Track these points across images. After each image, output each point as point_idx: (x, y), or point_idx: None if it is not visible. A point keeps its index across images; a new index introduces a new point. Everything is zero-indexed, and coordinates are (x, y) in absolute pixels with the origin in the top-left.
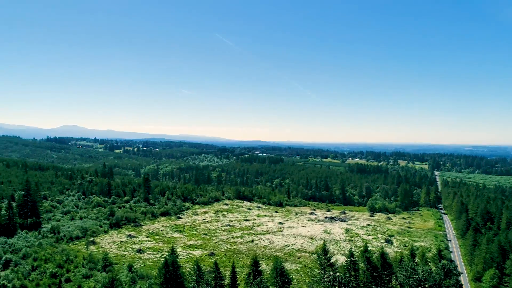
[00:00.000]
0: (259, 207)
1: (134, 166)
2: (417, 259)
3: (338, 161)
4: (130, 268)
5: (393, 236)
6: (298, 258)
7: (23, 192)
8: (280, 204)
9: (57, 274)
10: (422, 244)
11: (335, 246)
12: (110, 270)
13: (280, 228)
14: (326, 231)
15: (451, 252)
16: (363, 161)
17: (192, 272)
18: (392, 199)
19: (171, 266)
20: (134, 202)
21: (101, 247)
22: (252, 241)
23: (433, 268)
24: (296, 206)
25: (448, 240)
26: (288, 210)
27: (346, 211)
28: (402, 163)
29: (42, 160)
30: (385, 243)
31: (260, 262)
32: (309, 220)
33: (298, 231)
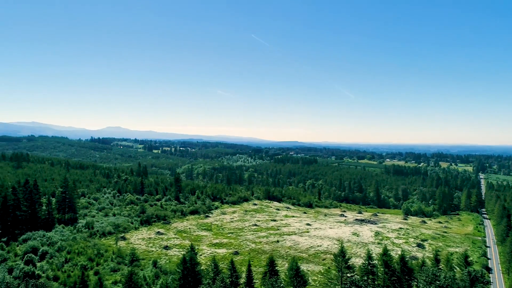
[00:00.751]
0: (288, 207)
1: (170, 165)
2: (441, 265)
3: (374, 162)
4: (155, 263)
5: (426, 240)
6: (323, 260)
7: (61, 189)
8: (309, 205)
9: (87, 266)
10: (456, 249)
11: (362, 249)
12: (136, 265)
13: (307, 229)
14: (354, 234)
15: (489, 259)
16: (401, 163)
17: (210, 269)
18: (430, 202)
19: (189, 263)
20: (165, 201)
21: (131, 243)
22: (278, 241)
23: (458, 275)
24: (326, 207)
25: (487, 246)
26: (317, 211)
27: (378, 214)
28: (444, 164)
29: (86, 159)
30: (417, 247)
31: (282, 263)
32: (338, 222)
33: (325, 233)
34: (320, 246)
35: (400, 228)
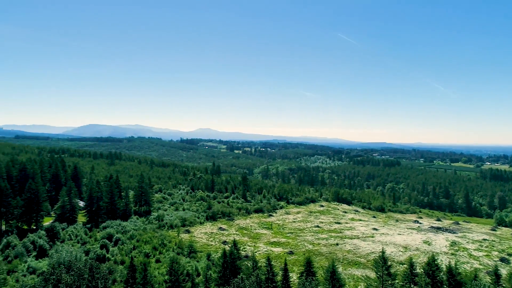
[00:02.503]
0: (357, 211)
1: (248, 165)
2: (502, 281)
3: (470, 166)
4: (208, 256)
5: None
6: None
7: (138, 184)
8: (381, 210)
9: (149, 254)
10: None
11: (429, 259)
12: (193, 256)
13: (373, 234)
14: (426, 242)
15: None
16: (505, 167)
17: (249, 265)
18: None
19: (228, 257)
20: (232, 198)
21: (194, 236)
22: (337, 244)
23: None
24: (401, 212)
25: None
26: (389, 216)
27: (461, 222)
28: None
29: (174, 158)
30: (499, 262)
31: (336, 266)
32: (409, 228)
33: (392, 239)
34: (383, 253)
35: (484, 239)
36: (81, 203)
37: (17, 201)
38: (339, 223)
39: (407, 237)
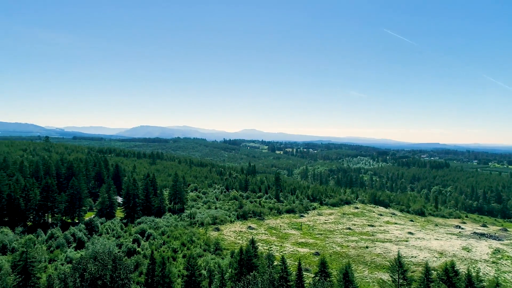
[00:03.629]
0: (393, 214)
1: (288, 166)
2: None
3: None
4: (232, 254)
5: None
6: (412, 272)
7: (173, 183)
8: (421, 213)
9: (177, 250)
10: None
11: (469, 266)
12: (218, 253)
13: (407, 238)
14: (465, 248)
15: None
16: None
17: (265, 262)
18: None
19: (244, 254)
20: (265, 198)
21: (223, 234)
22: (367, 247)
23: None
24: (443, 217)
25: None
26: (428, 220)
27: (509, 229)
28: None
29: (215, 158)
30: None
31: (363, 269)
32: (449, 233)
33: (427, 244)
34: (415, 257)
35: None
36: (120, 200)
37: (62, 197)
38: (372, 225)
39: (445, 243)
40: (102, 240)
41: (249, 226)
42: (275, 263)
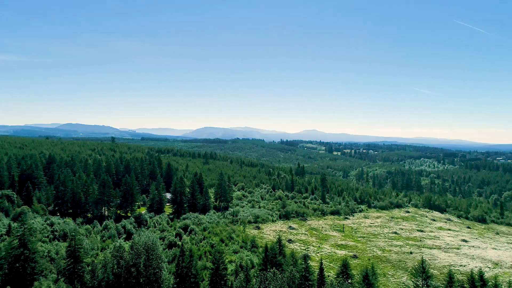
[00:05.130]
0: (449, 219)
1: (345, 167)
2: None
3: None
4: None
5: None
6: (458, 282)
7: (218, 182)
8: (482, 220)
9: (215, 245)
10: None
11: None
12: (253, 251)
13: (459, 245)
14: None
15: None
16: None
17: (289, 261)
18: None
19: (269, 251)
20: (310, 199)
21: (262, 232)
22: (411, 252)
23: None
24: (509, 225)
25: None
26: (489, 228)
27: None
28: None
29: (271, 159)
30: None
31: (401, 274)
32: (510, 243)
33: (481, 253)
34: (464, 266)
35: None
36: (169, 196)
37: (116, 192)
38: (422, 231)
39: (503, 253)
40: (147, 233)
41: (290, 226)
42: (310, 263)
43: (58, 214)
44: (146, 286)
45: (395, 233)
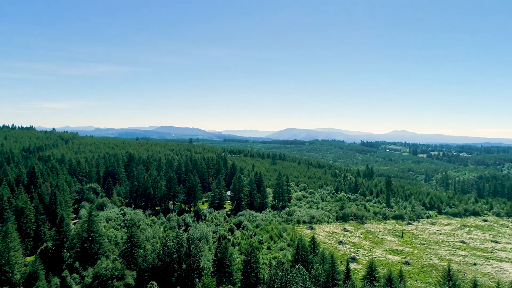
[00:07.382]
0: None
1: (428, 171)
2: None
3: None
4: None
5: None
6: None
7: (276, 182)
8: None
9: (263, 241)
10: None
11: None
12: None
13: None
14: None
15: None
16: None
17: (318, 260)
18: None
19: (301, 249)
20: (373, 202)
21: (315, 233)
22: (475, 264)
23: None
24: None
25: None
26: None
27: None
28: None
29: (347, 161)
30: None
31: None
32: None
33: None
34: None
35: None
36: (229, 194)
37: (180, 189)
38: (496, 242)
39: None
40: (202, 226)
41: (345, 228)
42: (356, 266)
43: (133, 206)
44: (187, 271)
45: (463, 242)
